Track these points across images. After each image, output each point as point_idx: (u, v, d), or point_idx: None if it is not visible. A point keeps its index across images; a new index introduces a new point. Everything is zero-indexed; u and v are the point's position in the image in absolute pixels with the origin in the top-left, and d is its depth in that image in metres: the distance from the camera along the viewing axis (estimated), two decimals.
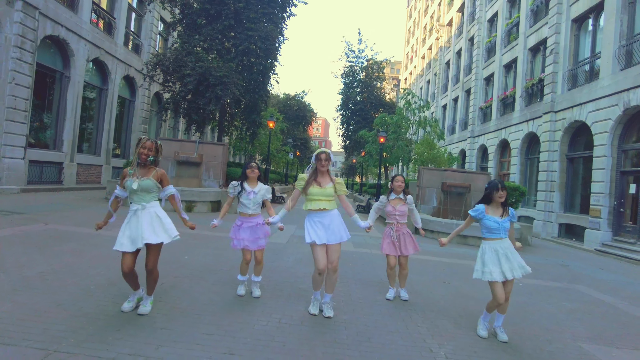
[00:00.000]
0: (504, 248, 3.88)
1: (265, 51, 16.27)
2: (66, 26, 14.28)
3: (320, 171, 4.02)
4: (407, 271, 4.98)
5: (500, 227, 3.88)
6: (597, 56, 14.36)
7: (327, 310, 4.01)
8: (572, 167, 16.03)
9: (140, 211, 3.53)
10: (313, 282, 4.11)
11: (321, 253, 3.91)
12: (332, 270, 3.95)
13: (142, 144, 3.56)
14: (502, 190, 3.90)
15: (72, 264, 4.89)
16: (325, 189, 3.99)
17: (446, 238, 4.26)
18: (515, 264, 3.85)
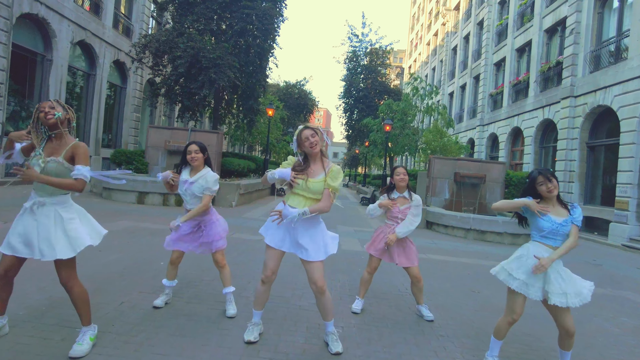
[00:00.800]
0: (558, 262, 2.77)
1: (263, 31, 15.08)
2: (46, 4, 13.12)
3: (312, 156, 2.88)
4: (422, 284, 3.89)
5: (557, 230, 2.75)
6: (625, 35, 13.15)
7: (332, 344, 2.95)
8: (594, 156, 14.90)
9: (37, 209, 2.48)
10: (255, 295, 3.07)
11: (275, 258, 2.93)
12: (318, 292, 2.87)
13: (38, 108, 2.49)
14: (549, 181, 2.77)
15: None
16: (311, 183, 2.81)
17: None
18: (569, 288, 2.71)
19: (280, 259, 2.97)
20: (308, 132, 2.83)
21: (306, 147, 2.83)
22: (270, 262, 2.93)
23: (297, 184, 2.83)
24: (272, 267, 2.93)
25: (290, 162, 2.93)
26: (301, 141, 2.84)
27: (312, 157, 2.88)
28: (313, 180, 2.82)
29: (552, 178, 2.79)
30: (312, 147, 2.80)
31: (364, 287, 4.00)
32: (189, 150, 3.37)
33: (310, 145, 2.80)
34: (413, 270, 3.87)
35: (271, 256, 2.94)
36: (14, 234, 2.48)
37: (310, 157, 2.89)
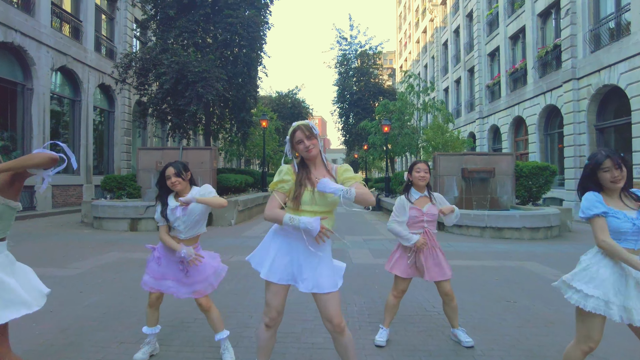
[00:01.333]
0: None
1: (249, 40, 14.56)
2: (21, 31, 12.62)
3: (310, 160, 2.28)
4: (455, 303, 3.25)
5: (630, 228, 2.09)
6: (625, 9, 12.61)
7: None
8: (603, 138, 14.30)
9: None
10: (257, 343, 2.38)
11: (279, 295, 2.28)
12: (335, 331, 2.22)
13: None
14: (618, 169, 2.14)
15: None
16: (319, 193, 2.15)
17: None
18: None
19: (286, 295, 2.33)
20: (301, 134, 2.24)
21: (301, 150, 2.24)
22: (273, 300, 2.28)
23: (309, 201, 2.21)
24: (276, 306, 2.28)
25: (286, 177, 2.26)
26: (294, 144, 2.26)
27: (310, 161, 2.29)
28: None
29: (622, 165, 2.15)
30: (307, 150, 2.22)
31: (390, 314, 3.34)
32: (167, 176, 2.78)
33: (306, 149, 2.22)
34: (445, 286, 3.23)
35: (274, 293, 2.28)
36: None
37: (308, 161, 2.28)
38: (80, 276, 5.35)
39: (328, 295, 2.21)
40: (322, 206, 2.20)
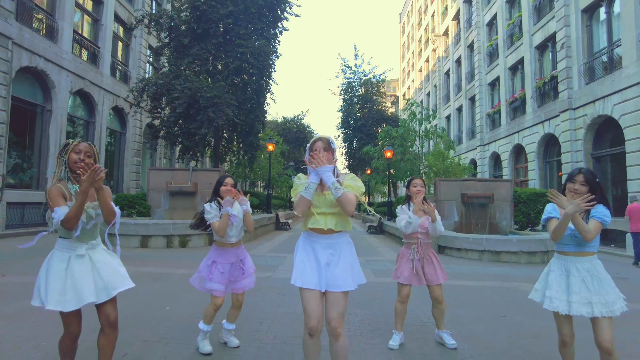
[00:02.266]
0: (577, 270, 2.54)
1: (259, 69, 15.28)
2: (45, 56, 13.36)
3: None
4: (444, 306, 3.64)
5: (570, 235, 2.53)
6: (617, 44, 13.27)
7: None
8: (600, 167, 14.70)
9: (92, 252, 2.36)
10: (304, 352, 2.51)
11: (314, 302, 2.41)
12: (332, 334, 2.41)
13: (74, 147, 2.33)
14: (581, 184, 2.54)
15: (3, 336, 3.57)
16: (327, 194, 2.48)
17: None
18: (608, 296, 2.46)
19: (322, 301, 2.47)
20: (320, 145, 2.56)
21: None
22: (310, 307, 2.40)
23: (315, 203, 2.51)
24: (315, 313, 2.40)
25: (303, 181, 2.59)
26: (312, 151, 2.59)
27: None
28: (329, 191, 2.48)
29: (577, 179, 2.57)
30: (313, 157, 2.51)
31: (399, 319, 3.70)
32: (225, 183, 3.31)
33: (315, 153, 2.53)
34: (436, 290, 3.62)
35: (309, 299, 2.42)
36: (65, 289, 2.28)
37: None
38: None
39: (336, 296, 2.41)
40: (331, 208, 2.49)
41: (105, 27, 17.28)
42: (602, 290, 2.48)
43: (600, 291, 2.48)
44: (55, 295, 2.22)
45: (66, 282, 2.25)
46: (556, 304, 2.55)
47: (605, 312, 2.42)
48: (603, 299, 2.45)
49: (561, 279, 2.60)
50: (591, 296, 2.47)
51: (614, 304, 2.45)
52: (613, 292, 2.49)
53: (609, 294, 2.47)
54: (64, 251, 2.31)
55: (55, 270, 2.26)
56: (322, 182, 2.50)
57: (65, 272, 2.26)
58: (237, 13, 14.63)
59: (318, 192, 2.51)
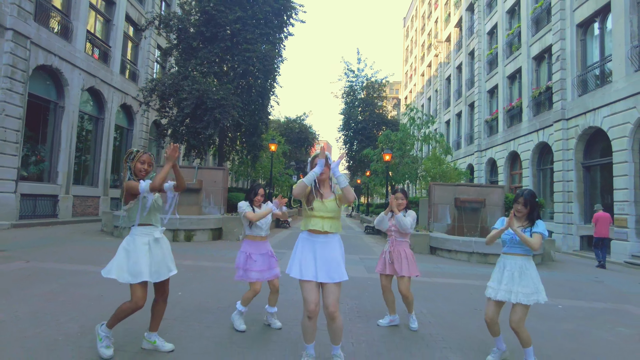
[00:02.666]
0: (513, 267, 3.31)
1: (264, 72, 15.87)
2: (59, 55, 13.96)
3: (320, 180, 3.18)
4: (411, 298, 4.23)
5: (508, 239, 3.38)
6: (608, 59, 13.82)
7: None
8: (590, 176, 15.26)
9: (160, 237, 3.14)
10: (303, 331, 3.08)
11: (312, 290, 2.96)
12: (329, 317, 2.96)
13: (139, 157, 3.05)
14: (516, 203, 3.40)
15: (42, 310, 4.16)
16: (325, 203, 3.09)
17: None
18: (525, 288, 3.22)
19: (319, 290, 3.01)
20: (317, 161, 3.15)
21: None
22: (309, 295, 2.95)
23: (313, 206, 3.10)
24: (313, 299, 2.94)
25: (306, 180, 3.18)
26: (312, 166, 3.20)
27: (320, 182, 3.16)
28: (327, 200, 3.10)
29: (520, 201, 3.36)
30: (322, 173, 3.11)
31: (388, 304, 4.37)
32: (258, 193, 4.14)
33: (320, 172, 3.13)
34: (402, 283, 4.18)
35: (308, 289, 2.97)
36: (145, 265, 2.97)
37: (319, 181, 3.15)
38: None
39: (331, 286, 2.95)
40: (327, 212, 3.07)
41: (117, 27, 17.87)
42: (523, 283, 3.21)
43: (522, 284, 3.21)
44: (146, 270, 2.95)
45: (150, 261, 2.96)
46: (489, 292, 3.38)
47: (521, 300, 3.18)
48: (523, 290, 3.19)
49: (499, 273, 3.38)
50: (513, 287, 3.22)
51: (530, 295, 3.18)
52: (533, 286, 3.21)
53: (528, 287, 3.20)
54: (144, 236, 3.01)
55: (142, 252, 2.95)
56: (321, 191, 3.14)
57: (149, 253, 2.97)
58: (245, 18, 15.21)
59: (319, 200, 3.09)
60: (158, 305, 3.25)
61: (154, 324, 3.25)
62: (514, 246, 3.33)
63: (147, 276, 2.94)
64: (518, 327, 3.20)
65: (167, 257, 3.14)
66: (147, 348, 3.23)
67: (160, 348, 3.22)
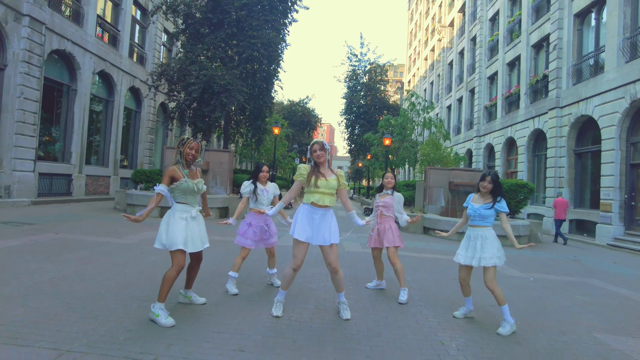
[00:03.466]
0: (476, 236, 3.99)
1: (268, 58, 16.38)
2: (72, 40, 14.51)
3: (318, 164, 3.82)
4: (399, 266, 4.75)
5: (475, 214, 4.04)
6: (602, 50, 14.27)
7: (343, 312, 3.88)
8: (581, 162, 15.87)
9: (198, 215, 3.73)
10: (283, 278, 3.86)
11: (303, 250, 3.74)
12: (333, 271, 3.80)
13: (188, 144, 3.60)
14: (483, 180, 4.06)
15: (82, 271, 4.92)
16: (329, 181, 3.76)
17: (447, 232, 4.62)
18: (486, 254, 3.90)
19: (306, 250, 3.78)
20: (317, 147, 3.82)
21: (314, 157, 3.81)
22: (299, 253, 3.73)
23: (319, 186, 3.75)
24: (301, 257, 3.73)
25: (306, 168, 3.83)
26: (311, 152, 3.85)
27: (320, 164, 3.81)
28: (330, 179, 3.78)
29: (486, 179, 3.98)
30: (317, 158, 3.77)
31: (378, 272, 5.12)
32: (262, 170, 4.72)
33: (317, 157, 3.78)
34: (389, 251, 4.80)
35: (301, 249, 3.74)
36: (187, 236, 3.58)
37: (318, 164, 3.82)
38: (134, 245, 7.05)
39: (331, 247, 3.76)
40: (328, 189, 3.76)
41: (125, 11, 18.31)
42: (485, 249, 3.91)
43: (484, 250, 3.91)
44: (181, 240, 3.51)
45: (186, 233, 3.55)
46: (458, 257, 4.12)
47: (485, 263, 3.88)
48: (484, 255, 3.90)
49: (466, 242, 4.10)
50: (476, 253, 3.94)
51: (490, 259, 3.88)
52: (493, 251, 3.89)
53: (490, 252, 3.90)
54: (182, 213, 3.59)
55: (179, 225, 3.54)
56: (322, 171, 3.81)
57: (186, 227, 3.56)
58: (250, 5, 15.65)
59: (322, 178, 3.74)
60: (193, 269, 3.92)
61: (189, 283, 3.97)
62: (476, 220, 4.01)
63: (181, 245, 3.46)
64: (491, 285, 3.87)
65: (202, 232, 3.73)
66: (183, 302, 3.98)
67: (195, 301, 3.99)
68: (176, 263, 3.49)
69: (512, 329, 3.77)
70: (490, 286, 3.88)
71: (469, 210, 4.08)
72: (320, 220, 3.75)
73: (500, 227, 4.07)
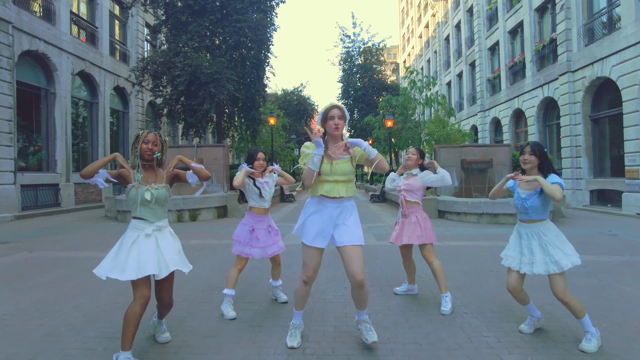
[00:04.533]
0: (531, 234, 2.99)
1: (257, 42, 15.33)
2: (44, 39, 13.47)
3: (332, 137, 2.78)
4: (436, 265, 3.74)
5: (519, 205, 3.03)
6: (616, 4, 13.16)
7: (367, 334, 2.84)
8: (598, 129, 14.87)
9: (156, 233, 2.66)
10: (295, 296, 2.94)
11: (315, 257, 2.78)
12: (357, 285, 2.71)
13: (143, 137, 2.67)
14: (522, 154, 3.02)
15: (47, 299, 4.03)
16: (338, 165, 2.72)
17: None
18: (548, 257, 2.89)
19: (321, 257, 2.83)
20: (336, 112, 2.72)
21: (330, 126, 2.74)
22: (311, 261, 2.79)
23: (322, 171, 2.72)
24: (313, 266, 2.79)
25: (309, 150, 2.79)
26: (326, 118, 2.75)
27: (332, 138, 2.79)
28: (339, 162, 2.73)
29: (525, 150, 3.00)
30: (336, 128, 2.72)
31: (407, 273, 4.16)
32: (257, 157, 3.72)
33: (335, 125, 2.71)
34: (425, 250, 3.83)
35: (312, 255, 2.79)
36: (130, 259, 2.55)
37: (330, 137, 2.79)
38: None
39: (353, 251, 2.68)
40: (340, 175, 2.72)
41: (102, 6, 17.20)
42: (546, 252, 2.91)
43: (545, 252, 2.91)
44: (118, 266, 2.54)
45: (129, 256, 2.54)
46: (509, 261, 3.09)
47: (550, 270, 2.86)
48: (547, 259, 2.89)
49: (516, 241, 3.10)
50: (535, 257, 2.93)
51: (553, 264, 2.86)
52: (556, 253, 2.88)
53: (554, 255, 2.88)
54: (134, 230, 2.63)
55: (124, 246, 2.59)
56: (330, 154, 2.75)
57: (131, 247, 2.57)
58: None
59: (327, 161, 2.71)
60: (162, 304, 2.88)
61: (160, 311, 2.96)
62: (526, 212, 2.99)
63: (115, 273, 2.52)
64: (564, 296, 2.86)
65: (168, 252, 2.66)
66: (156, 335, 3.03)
67: (157, 337, 2.99)
68: (137, 295, 2.54)
69: (598, 342, 2.85)
70: (564, 297, 2.86)
71: (514, 202, 3.07)
72: (339, 216, 2.79)
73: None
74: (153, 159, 2.69)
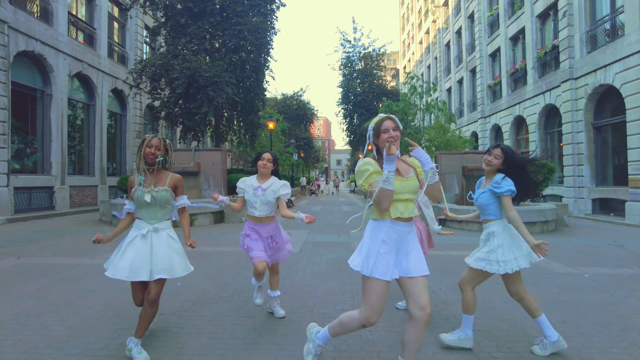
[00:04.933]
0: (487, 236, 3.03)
1: (257, 46, 15.16)
2: (41, 40, 13.28)
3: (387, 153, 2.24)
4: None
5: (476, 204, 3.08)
6: (619, 11, 13.05)
7: None
8: (600, 137, 14.71)
9: (152, 234, 2.74)
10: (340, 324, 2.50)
11: (384, 294, 2.30)
12: (425, 321, 2.26)
13: (147, 142, 2.82)
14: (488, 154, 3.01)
15: (28, 311, 3.79)
16: (410, 180, 2.35)
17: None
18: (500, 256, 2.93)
19: (387, 295, 2.37)
20: (390, 124, 2.31)
21: (384, 139, 2.29)
22: (376, 299, 2.30)
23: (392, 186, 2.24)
24: (381, 307, 2.33)
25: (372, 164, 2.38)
26: (379, 132, 2.32)
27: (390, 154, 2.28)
28: (410, 177, 2.37)
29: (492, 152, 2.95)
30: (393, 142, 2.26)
31: None
32: (262, 157, 3.49)
33: (392, 139, 2.26)
34: None
35: (378, 292, 2.30)
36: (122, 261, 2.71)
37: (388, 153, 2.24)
38: None
39: (424, 282, 2.31)
40: (412, 193, 2.34)
41: (100, 7, 17.05)
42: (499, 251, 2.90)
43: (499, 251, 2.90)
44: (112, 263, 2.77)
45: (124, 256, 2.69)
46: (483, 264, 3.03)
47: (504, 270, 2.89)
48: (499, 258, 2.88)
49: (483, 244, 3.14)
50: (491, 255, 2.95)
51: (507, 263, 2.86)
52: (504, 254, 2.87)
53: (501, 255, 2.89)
54: (135, 230, 2.79)
55: (123, 244, 2.77)
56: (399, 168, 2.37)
57: (127, 245, 2.72)
58: None
59: (399, 177, 2.33)
60: (143, 310, 2.80)
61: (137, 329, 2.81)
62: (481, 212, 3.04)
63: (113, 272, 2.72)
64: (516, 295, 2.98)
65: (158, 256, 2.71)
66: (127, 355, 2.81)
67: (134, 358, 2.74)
68: (133, 297, 2.83)
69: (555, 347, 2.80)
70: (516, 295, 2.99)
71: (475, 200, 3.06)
72: (408, 240, 2.37)
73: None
74: (156, 162, 2.79)
